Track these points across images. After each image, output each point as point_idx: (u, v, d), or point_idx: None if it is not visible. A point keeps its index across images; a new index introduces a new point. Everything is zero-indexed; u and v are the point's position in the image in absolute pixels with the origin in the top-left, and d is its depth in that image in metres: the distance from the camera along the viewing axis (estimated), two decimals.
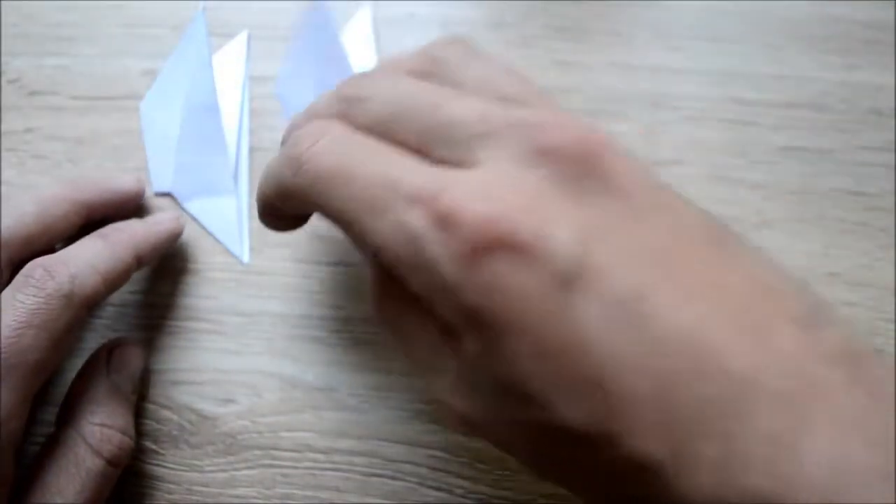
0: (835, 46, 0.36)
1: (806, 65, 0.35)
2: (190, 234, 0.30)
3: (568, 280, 0.13)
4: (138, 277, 0.29)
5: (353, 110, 0.18)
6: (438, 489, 0.26)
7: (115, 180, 0.27)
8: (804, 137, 0.33)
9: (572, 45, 0.35)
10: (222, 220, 0.30)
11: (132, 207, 0.28)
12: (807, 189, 0.32)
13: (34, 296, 0.20)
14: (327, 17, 0.26)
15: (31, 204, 0.23)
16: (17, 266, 0.21)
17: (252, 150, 0.32)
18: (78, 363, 0.27)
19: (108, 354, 0.24)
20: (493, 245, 0.13)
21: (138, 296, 0.29)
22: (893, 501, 0.11)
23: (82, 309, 0.21)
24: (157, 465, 0.26)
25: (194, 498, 0.25)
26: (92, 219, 0.26)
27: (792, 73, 0.35)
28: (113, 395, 0.23)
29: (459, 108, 0.16)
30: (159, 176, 0.31)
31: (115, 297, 0.28)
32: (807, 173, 0.32)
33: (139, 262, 0.24)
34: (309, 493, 0.25)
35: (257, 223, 0.30)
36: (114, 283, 0.23)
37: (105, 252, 0.22)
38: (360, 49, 0.34)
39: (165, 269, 0.29)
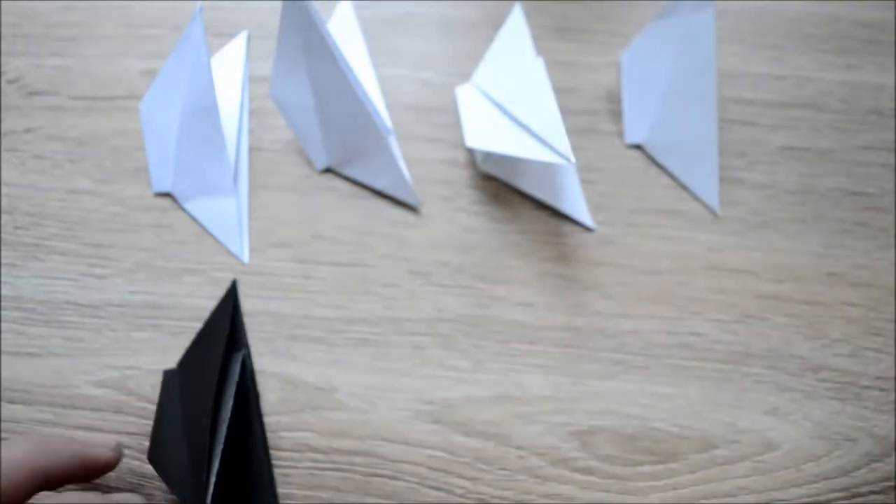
0: (835, 46, 0.36)
1: (806, 65, 0.35)
2: (190, 234, 0.30)
3: None
4: (140, 277, 0.29)
5: None
6: (438, 489, 0.26)
7: (91, 449, 0.22)
8: (804, 137, 0.33)
9: (572, 45, 0.35)
10: (222, 220, 0.30)
11: (101, 474, 0.24)
12: (806, 189, 0.32)
13: None
14: (306, 8, 0.26)
15: None
16: None
17: (252, 150, 0.32)
18: (77, 362, 0.27)
19: None
20: None
21: (139, 296, 0.29)
22: None
23: None
24: None
25: None
26: (50, 485, 0.21)
27: (792, 73, 0.35)
28: None
29: None
30: (159, 176, 0.31)
31: (115, 296, 0.28)
32: (806, 173, 0.32)
33: None
34: (309, 493, 0.25)
35: (257, 223, 0.31)
36: None
37: None
38: (349, 43, 0.34)
39: (166, 268, 0.29)
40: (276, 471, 0.26)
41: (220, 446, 0.22)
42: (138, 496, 0.23)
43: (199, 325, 0.28)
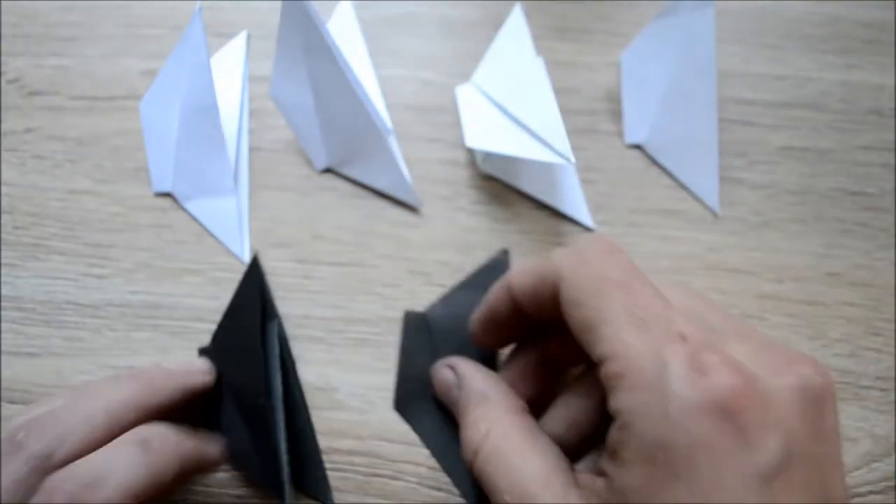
0: (835, 46, 0.36)
1: (806, 65, 0.35)
2: (190, 234, 0.30)
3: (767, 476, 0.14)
4: (140, 277, 0.29)
5: None
6: (438, 489, 0.26)
7: (191, 378, 0.23)
8: (804, 137, 0.33)
9: (572, 45, 0.35)
10: (222, 220, 0.30)
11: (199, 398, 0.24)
12: (806, 189, 0.32)
13: None
14: (306, 8, 0.26)
15: (101, 413, 0.21)
16: None
17: (252, 150, 0.32)
18: (77, 362, 0.27)
19: None
20: (725, 409, 0.14)
21: (140, 295, 0.29)
22: None
23: None
24: None
25: (195, 498, 0.25)
26: (157, 417, 0.22)
27: (792, 73, 0.35)
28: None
29: None
30: (159, 176, 0.31)
31: (115, 296, 0.28)
32: (806, 173, 0.32)
33: (182, 478, 0.21)
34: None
35: (257, 223, 0.31)
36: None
37: (141, 470, 0.20)
38: (349, 43, 0.34)
39: (167, 269, 0.29)
40: None
41: (281, 423, 0.22)
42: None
43: (199, 325, 0.28)
